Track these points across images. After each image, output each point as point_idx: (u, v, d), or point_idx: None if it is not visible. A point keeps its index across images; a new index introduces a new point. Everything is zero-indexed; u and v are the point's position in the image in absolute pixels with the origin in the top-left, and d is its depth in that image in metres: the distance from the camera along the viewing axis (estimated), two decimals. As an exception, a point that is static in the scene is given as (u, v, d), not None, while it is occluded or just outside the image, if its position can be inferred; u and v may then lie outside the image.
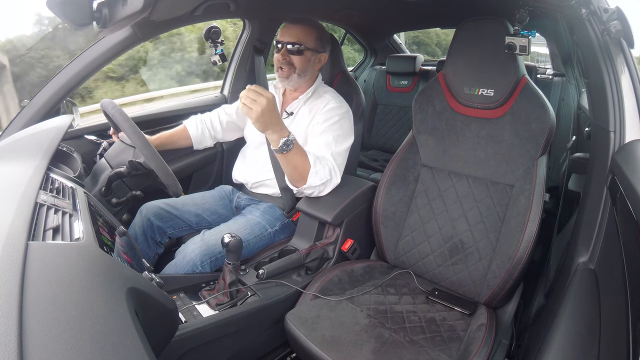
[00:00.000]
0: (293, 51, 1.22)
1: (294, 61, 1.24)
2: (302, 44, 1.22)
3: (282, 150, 1.08)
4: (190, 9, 1.30)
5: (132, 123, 1.06)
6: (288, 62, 1.23)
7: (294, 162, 1.11)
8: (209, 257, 1.10)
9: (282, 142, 1.06)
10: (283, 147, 1.07)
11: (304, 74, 1.27)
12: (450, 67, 1.18)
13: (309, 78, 1.30)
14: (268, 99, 1.00)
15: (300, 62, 1.24)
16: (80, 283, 0.48)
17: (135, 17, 0.90)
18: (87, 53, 1.23)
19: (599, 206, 0.85)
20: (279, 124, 1.06)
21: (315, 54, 1.27)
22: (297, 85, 1.29)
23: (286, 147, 1.07)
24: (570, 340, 0.68)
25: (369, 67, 2.77)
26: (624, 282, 0.61)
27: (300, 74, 1.26)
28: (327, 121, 1.23)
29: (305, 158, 1.13)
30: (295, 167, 1.12)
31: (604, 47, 0.85)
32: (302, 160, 1.12)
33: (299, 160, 1.11)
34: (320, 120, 1.24)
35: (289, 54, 1.23)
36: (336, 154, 1.21)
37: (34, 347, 0.35)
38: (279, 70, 1.25)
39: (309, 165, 1.13)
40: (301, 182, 1.15)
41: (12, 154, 0.85)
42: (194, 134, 1.40)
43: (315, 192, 1.19)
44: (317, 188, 1.17)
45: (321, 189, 1.18)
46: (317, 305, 1.02)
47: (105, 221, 0.82)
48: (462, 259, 1.12)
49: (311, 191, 1.18)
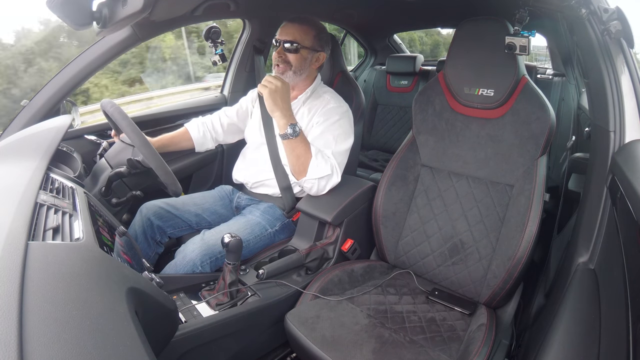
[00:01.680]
0: (290, 49, 1.24)
1: (290, 59, 1.25)
2: (299, 42, 1.23)
3: (288, 136, 1.14)
4: (190, 9, 1.30)
5: (131, 122, 1.06)
6: (284, 59, 1.25)
7: (297, 151, 1.16)
8: (209, 257, 1.10)
9: (289, 127, 1.14)
10: (289, 133, 1.14)
11: (300, 72, 1.28)
12: (450, 67, 1.18)
13: (305, 77, 1.30)
14: (283, 82, 1.15)
15: (296, 60, 1.25)
16: (80, 283, 0.48)
17: (135, 17, 0.90)
18: (87, 53, 1.23)
19: (599, 206, 0.85)
20: (288, 109, 1.16)
21: (312, 53, 1.27)
22: (293, 82, 1.30)
23: (292, 134, 1.14)
24: (570, 340, 0.68)
25: (369, 67, 2.77)
26: (624, 282, 0.61)
27: (295, 71, 1.27)
28: (326, 121, 1.24)
29: (309, 149, 1.17)
30: (298, 156, 1.16)
31: (604, 47, 0.85)
32: (306, 150, 1.17)
33: (302, 150, 1.16)
34: (319, 120, 1.25)
35: (285, 52, 1.24)
36: (336, 153, 1.21)
37: (34, 347, 0.35)
38: (275, 67, 1.27)
39: (311, 156, 1.16)
40: (302, 174, 1.18)
41: (12, 154, 0.85)
42: (195, 136, 1.41)
43: (315, 188, 1.19)
44: (317, 182, 1.18)
45: (322, 184, 1.19)
46: (317, 305, 1.02)
47: (105, 221, 0.82)
48: (462, 259, 1.12)
49: (311, 185, 1.19)
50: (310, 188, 1.20)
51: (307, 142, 1.18)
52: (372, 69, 2.68)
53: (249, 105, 1.45)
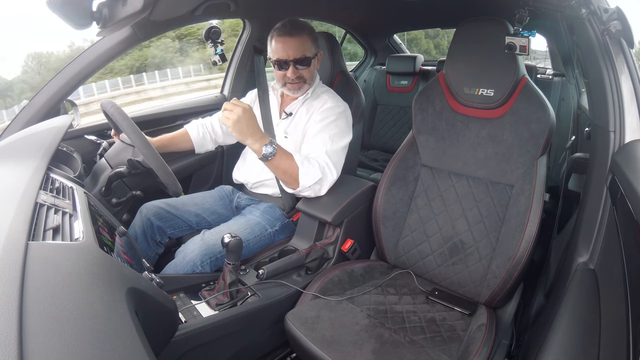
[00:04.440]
0: (302, 65, 1.23)
1: (303, 74, 1.25)
2: (307, 55, 1.23)
3: (267, 158, 1.10)
4: (191, 9, 1.30)
5: (131, 122, 1.06)
6: (299, 76, 1.24)
7: (281, 167, 1.13)
8: (209, 257, 1.10)
9: (264, 149, 1.09)
10: (268, 154, 1.09)
11: (312, 81, 1.30)
12: (450, 67, 1.18)
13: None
14: (244, 108, 1.07)
15: (309, 73, 1.26)
16: (80, 283, 0.48)
17: (135, 17, 0.90)
18: (87, 53, 1.23)
19: (599, 206, 0.85)
20: (257, 132, 1.09)
21: (315, 58, 1.28)
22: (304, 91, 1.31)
23: (271, 153, 1.10)
24: (570, 340, 0.68)
25: (369, 67, 2.77)
26: (624, 282, 0.61)
27: (310, 82, 1.29)
28: (323, 120, 1.24)
29: (293, 160, 1.14)
30: (284, 171, 1.14)
31: (604, 47, 0.85)
32: (290, 163, 1.13)
33: (286, 164, 1.13)
34: (317, 119, 1.25)
35: (298, 70, 1.23)
36: (332, 152, 1.20)
37: (34, 347, 0.35)
38: (290, 85, 1.26)
39: (297, 166, 1.14)
40: (295, 184, 1.16)
41: (12, 154, 0.85)
42: (195, 137, 1.41)
43: (312, 193, 1.19)
44: (312, 188, 1.17)
45: (317, 188, 1.18)
46: (317, 305, 1.02)
47: (105, 221, 0.82)
48: (462, 259, 1.12)
49: (308, 192, 1.19)
50: (308, 194, 1.20)
51: (288, 154, 1.14)
52: (372, 69, 2.68)
53: None
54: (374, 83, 2.57)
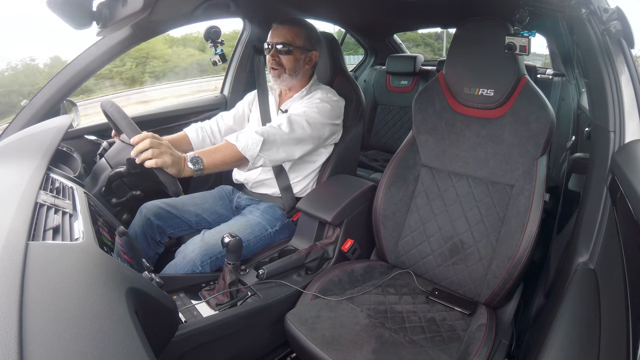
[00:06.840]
0: (282, 51, 1.24)
1: (283, 61, 1.25)
2: (291, 43, 1.24)
3: (200, 170, 0.98)
4: (191, 9, 1.30)
5: (130, 121, 1.06)
6: (278, 62, 1.25)
7: (218, 159, 1.02)
8: (209, 257, 1.10)
9: (188, 165, 0.96)
10: (197, 169, 0.97)
11: (295, 73, 1.28)
12: (450, 67, 1.18)
13: (301, 77, 1.31)
14: (153, 141, 0.91)
15: (289, 62, 1.26)
16: (80, 283, 0.48)
17: (135, 17, 0.90)
18: (87, 53, 1.23)
19: (599, 206, 0.85)
20: (175, 156, 0.93)
21: (304, 53, 1.28)
22: (290, 84, 1.31)
23: (199, 162, 0.97)
24: (570, 340, 0.68)
25: (369, 67, 2.78)
26: (624, 282, 0.61)
27: (290, 73, 1.27)
28: (307, 103, 1.26)
29: (221, 146, 1.05)
30: (224, 159, 1.03)
31: (604, 47, 0.85)
32: (223, 152, 1.04)
33: (219, 155, 1.03)
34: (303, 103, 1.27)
35: (278, 55, 1.25)
36: (294, 117, 1.16)
37: (34, 347, 0.35)
38: (271, 71, 1.27)
39: (232, 143, 1.05)
40: (243, 162, 1.07)
41: (12, 154, 0.85)
42: (194, 140, 1.40)
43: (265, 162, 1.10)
44: (266, 155, 1.08)
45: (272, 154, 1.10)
46: (317, 305, 1.02)
47: (105, 221, 0.82)
48: (462, 259, 1.12)
49: (262, 162, 1.09)
50: (263, 163, 1.11)
51: (214, 148, 1.04)
52: (372, 69, 2.68)
53: (246, 109, 1.45)
54: (374, 83, 2.58)
